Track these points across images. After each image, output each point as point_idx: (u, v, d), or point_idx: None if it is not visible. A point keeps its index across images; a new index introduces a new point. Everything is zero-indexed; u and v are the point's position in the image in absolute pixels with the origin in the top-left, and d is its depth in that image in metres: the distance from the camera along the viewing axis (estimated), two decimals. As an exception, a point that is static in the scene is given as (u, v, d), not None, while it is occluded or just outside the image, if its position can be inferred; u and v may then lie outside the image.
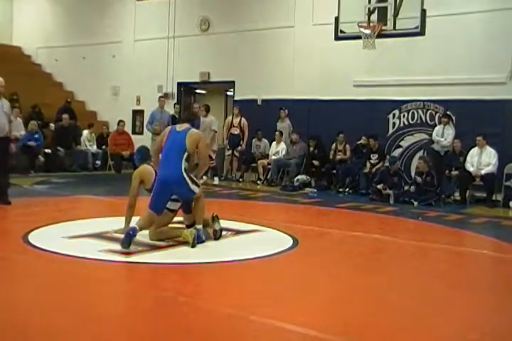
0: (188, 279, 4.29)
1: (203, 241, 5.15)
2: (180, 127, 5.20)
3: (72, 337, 2.93)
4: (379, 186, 9.34)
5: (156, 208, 5.05)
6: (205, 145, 5.20)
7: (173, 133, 5.13)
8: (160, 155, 5.21)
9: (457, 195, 9.58)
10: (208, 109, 11.76)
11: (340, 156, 10.88)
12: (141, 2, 14.55)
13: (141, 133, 14.22)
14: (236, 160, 12.10)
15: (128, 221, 5.42)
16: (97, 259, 4.51)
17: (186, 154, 5.03)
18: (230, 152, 12.06)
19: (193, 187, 5.05)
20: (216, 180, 11.40)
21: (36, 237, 5.19)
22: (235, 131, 11.96)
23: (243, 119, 11.94)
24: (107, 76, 14.85)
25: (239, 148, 11.95)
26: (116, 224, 5.65)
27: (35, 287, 3.84)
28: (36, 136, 11.93)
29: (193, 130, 5.21)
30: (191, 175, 5.10)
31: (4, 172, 7.35)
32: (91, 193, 8.83)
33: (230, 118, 12.26)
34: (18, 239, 5.12)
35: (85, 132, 13.21)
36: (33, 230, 5.49)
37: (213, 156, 11.68)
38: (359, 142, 10.67)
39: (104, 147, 13.20)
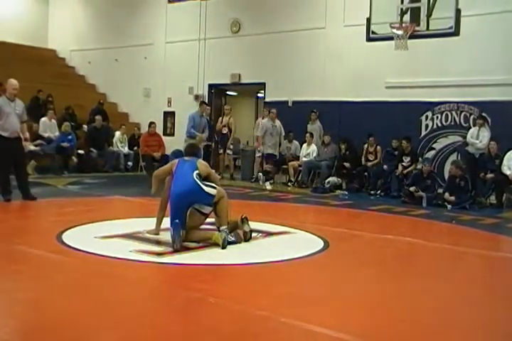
0: (218, 280, 4.28)
1: (230, 243, 5.16)
2: (188, 158, 5.46)
3: (102, 335, 2.94)
4: (411, 188, 9.21)
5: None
6: (214, 171, 5.76)
7: (183, 162, 5.39)
8: (160, 180, 5.51)
9: (493, 199, 9.37)
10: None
11: (372, 162, 10.79)
12: (172, 4, 14.69)
13: (172, 134, 14.36)
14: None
15: (159, 222, 5.48)
16: (129, 259, 4.54)
17: (197, 171, 5.20)
18: (260, 154, 12.06)
19: (208, 189, 5.13)
20: (268, 185, 11.04)
21: (70, 237, 5.26)
22: None
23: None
24: (139, 78, 15.03)
25: None
26: (147, 224, 5.70)
27: (67, 286, 3.88)
28: (69, 137, 12.13)
29: (201, 160, 5.54)
30: (204, 182, 5.19)
31: (23, 171, 7.81)
32: (123, 194, 8.92)
33: (259, 120, 12.25)
34: (53, 238, 5.19)
35: (117, 133, 13.38)
36: (66, 230, 5.57)
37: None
38: (388, 149, 10.58)
39: (135, 148, 13.35)
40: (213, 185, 5.26)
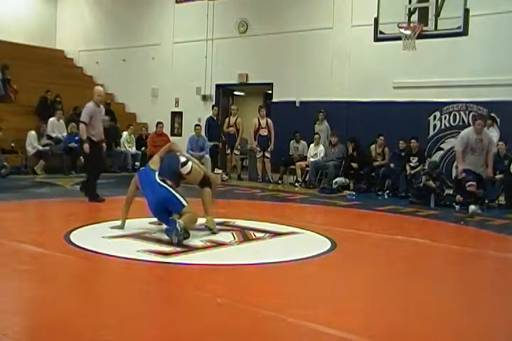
0: (226, 280, 4.28)
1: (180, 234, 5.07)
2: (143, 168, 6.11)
3: (110, 334, 2.95)
4: (423, 179, 9.11)
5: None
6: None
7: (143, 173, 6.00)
8: None
9: (502, 200, 9.32)
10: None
11: (378, 162, 10.76)
12: (180, 5, 14.71)
13: (179, 134, 14.37)
14: (268, 162, 12.11)
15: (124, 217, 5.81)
16: (136, 259, 4.54)
17: (155, 172, 5.75)
18: (261, 154, 12.10)
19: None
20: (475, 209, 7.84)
21: (78, 237, 5.28)
22: (264, 132, 12.03)
23: (269, 120, 12.00)
24: (146, 78, 15.05)
25: (269, 149, 12.00)
26: (154, 224, 5.74)
27: (75, 285, 3.90)
28: (76, 137, 12.14)
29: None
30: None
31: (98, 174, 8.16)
32: (130, 194, 8.90)
33: (255, 120, 12.25)
34: (61, 238, 5.21)
35: (125, 134, 13.42)
36: (74, 229, 5.59)
37: None
38: (396, 150, 10.54)
39: (143, 148, 13.37)
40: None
